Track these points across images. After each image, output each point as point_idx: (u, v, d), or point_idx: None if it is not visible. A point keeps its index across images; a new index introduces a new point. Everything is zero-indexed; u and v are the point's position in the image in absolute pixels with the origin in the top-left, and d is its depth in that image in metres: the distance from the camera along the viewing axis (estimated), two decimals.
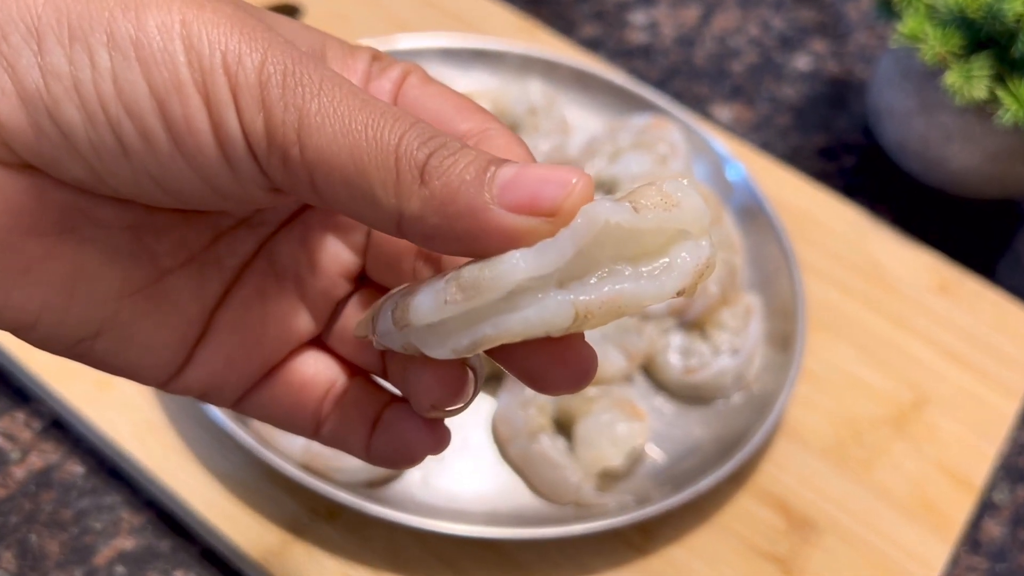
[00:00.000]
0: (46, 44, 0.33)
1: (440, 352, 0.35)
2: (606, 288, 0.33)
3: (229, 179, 0.34)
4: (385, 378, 0.45)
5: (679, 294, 0.33)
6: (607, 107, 0.96)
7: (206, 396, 0.43)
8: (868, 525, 0.78)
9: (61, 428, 0.75)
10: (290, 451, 0.70)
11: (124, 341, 0.39)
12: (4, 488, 0.72)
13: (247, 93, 0.33)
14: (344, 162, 0.33)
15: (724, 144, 0.93)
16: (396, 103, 0.40)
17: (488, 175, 0.33)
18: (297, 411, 0.44)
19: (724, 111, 1.06)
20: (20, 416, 0.75)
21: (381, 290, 0.45)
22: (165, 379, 0.41)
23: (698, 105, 1.05)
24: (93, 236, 0.37)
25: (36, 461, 0.73)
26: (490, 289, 0.33)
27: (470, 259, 0.35)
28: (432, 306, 0.35)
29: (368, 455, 0.44)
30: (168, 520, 0.72)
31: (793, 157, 1.02)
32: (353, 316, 0.45)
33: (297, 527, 0.70)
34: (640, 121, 0.92)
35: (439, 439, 0.42)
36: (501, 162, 0.33)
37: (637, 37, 1.10)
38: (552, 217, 0.33)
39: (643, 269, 0.33)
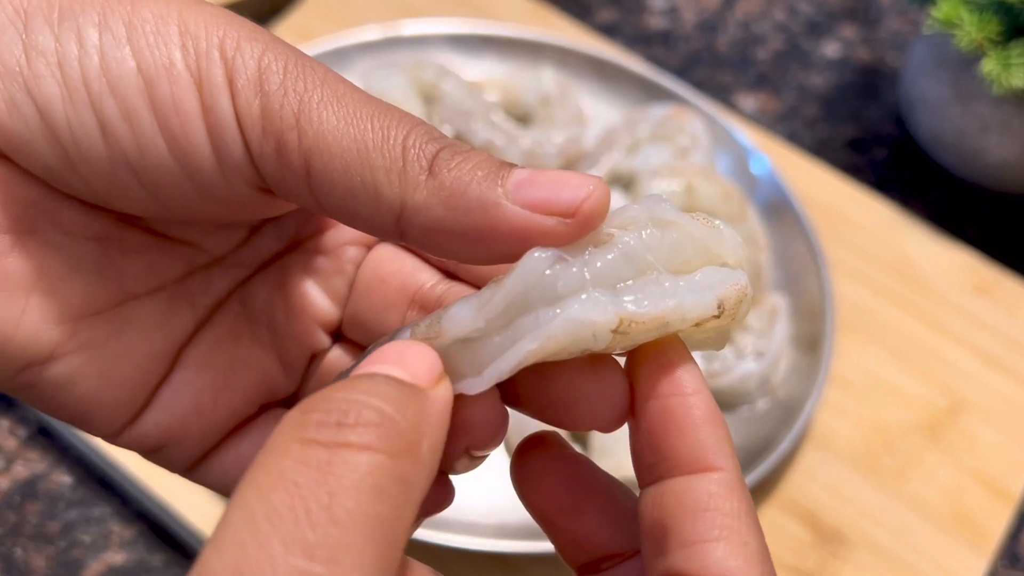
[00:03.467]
0: (33, 24, 0.33)
1: (478, 384, 0.34)
2: (647, 303, 0.33)
3: (213, 169, 0.34)
4: None
5: (719, 309, 0.34)
6: (624, 97, 0.95)
7: (163, 449, 0.40)
8: (900, 538, 0.77)
9: (48, 436, 0.75)
10: None
11: (78, 371, 0.37)
12: None
13: (244, 77, 0.33)
14: (346, 148, 0.33)
15: (748, 136, 0.93)
16: None
17: (502, 173, 0.33)
18: None
19: (748, 101, 1.05)
20: (4, 423, 0.75)
21: (360, 348, 0.44)
22: (120, 424, 0.39)
23: (721, 94, 1.05)
24: (56, 242, 0.36)
25: (21, 471, 0.73)
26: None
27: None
28: (471, 311, 0.34)
29: None
30: (161, 532, 0.72)
31: (821, 149, 1.02)
32: (329, 377, 0.43)
33: None
34: (659, 111, 0.91)
35: (444, 495, 0.40)
36: (512, 165, 0.33)
37: (656, 22, 1.10)
38: (570, 218, 0.32)
39: (681, 283, 0.34)
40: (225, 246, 0.41)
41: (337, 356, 0.44)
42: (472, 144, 0.86)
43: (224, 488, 0.42)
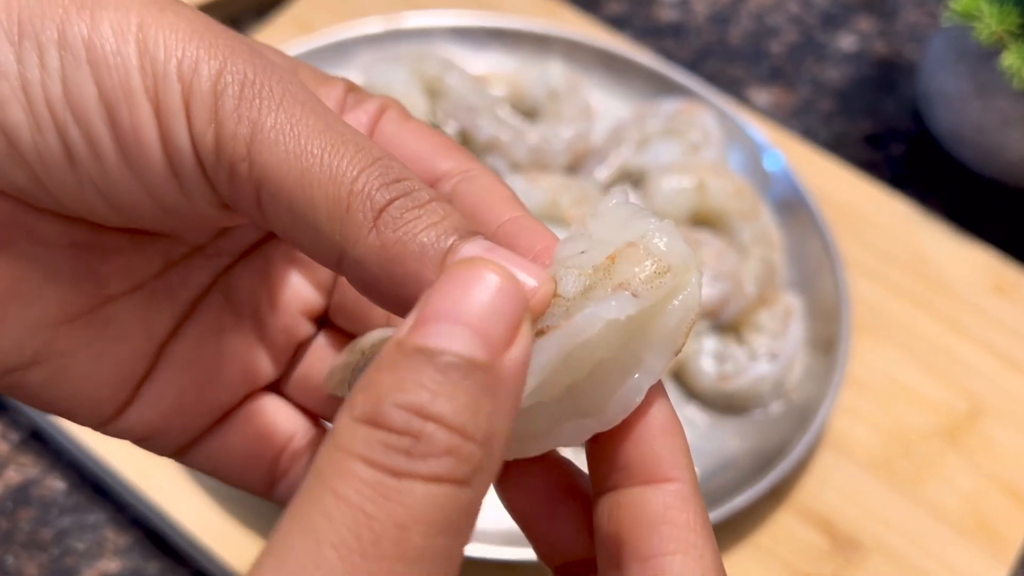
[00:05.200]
0: None
1: None
2: (601, 422, 0.34)
3: (176, 193, 0.34)
4: None
5: (675, 354, 0.34)
6: (634, 91, 0.95)
7: (149, 441, 0.42)
8: (918, 545, 0.77)
9: (41, 440, 0.74)
10: None
11: (61, 373, 0.38)
12: None
13: (200, 103, 0.33)
14: (291, 185, 0.32)
15: (762, 131, 0.93)
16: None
17: (447, 244, 0.32)
18: (251, 464, 0.43)
19: (762, 95, 1.05)
20: None
21: (346, 335, 0.44)
22: (105, 419, 0.40)
23: (733, 88, 1.04)
24: (31, 253, 0.36)
25: (13, 476, 0.73)
26: None
27: None
28: None
29: None
30: (156, 540, 0.71)
31: (837, 145, 1.01)
32: (315, 363, 0.44)
33: None
34: (670, 106, 0.91)
35: None
36: (468, 234, 0.33)
37: (667, 14, 1.10)
38: None
39: (634, 373, 0.34)
40: (198, 229, 0.41)
41: (323, 344, 0.44)
42: (478, 140, 0.86)
43: (211, 470, 0.43)
